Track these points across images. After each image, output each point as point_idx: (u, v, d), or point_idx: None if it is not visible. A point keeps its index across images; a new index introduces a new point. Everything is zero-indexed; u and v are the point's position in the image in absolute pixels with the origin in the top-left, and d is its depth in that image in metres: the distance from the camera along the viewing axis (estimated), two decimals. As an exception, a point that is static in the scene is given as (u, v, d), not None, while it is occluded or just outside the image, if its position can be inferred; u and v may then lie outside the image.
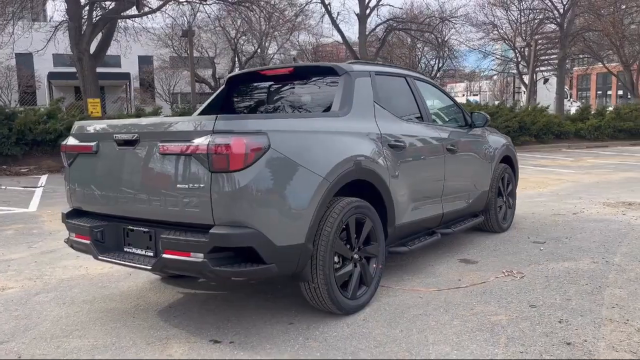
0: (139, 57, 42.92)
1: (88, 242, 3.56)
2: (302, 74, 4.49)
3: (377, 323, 3.51)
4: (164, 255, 3.14)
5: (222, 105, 4.79)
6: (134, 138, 3.29)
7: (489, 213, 5.77)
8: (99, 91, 15.37)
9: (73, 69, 34.83)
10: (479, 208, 5.60)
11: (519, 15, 31.60)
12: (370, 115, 4.06)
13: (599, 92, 70.78)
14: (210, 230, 2.99)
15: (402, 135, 4.27)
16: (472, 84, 60.93)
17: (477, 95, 62.79)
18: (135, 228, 3.44)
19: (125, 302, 4.06)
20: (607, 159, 15.15)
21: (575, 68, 49.77)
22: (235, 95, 4.84)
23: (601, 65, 35.55)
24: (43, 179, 12.23)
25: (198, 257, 3.03)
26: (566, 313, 3.59)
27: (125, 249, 3.52)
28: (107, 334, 3.47)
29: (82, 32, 14.46)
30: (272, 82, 4.63)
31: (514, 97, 47.94)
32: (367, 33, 22.70)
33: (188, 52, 32.84)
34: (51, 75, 34.96)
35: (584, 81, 66.36)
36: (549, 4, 26.17)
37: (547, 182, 10.30)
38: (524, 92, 37.28)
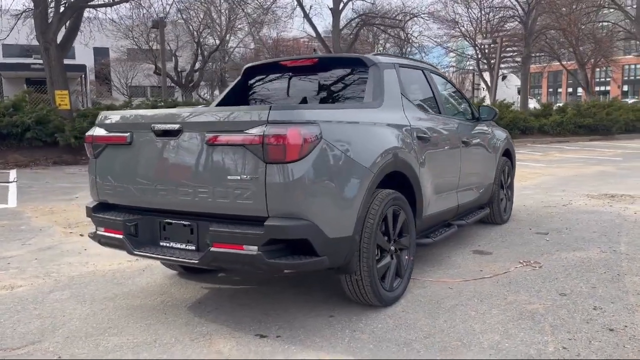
0: (95, 48, 41.53)
1: (121, 236, 3.43)
2: (326, 65, 4.45)
3: (417, 314, 3.53)
4: (213, 249, 3.05)
5: (240, 97, 4.70)
6: (176, 128, 3.18)
7: (492, 205, 5.88)
8: (67, 82, 14.81)
9: (24, 60, 33.43)
10: (485, 200, 5.70)
11: (480, 13, 32.31)
12: (399, 106, 4.06)
13: (550, 90, 73.19)
14: (266, 222, 2.93)
15: (427, 127, 4.29)
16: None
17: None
18: (173, 221, 3.34)
19: (149, 299, 3.94)
20: (572, 154, 15.67)
21: (532, 66, 51.29)
22: (252, 87, 4.75)
23: (553, 64, 36.83)
24: (12, 173, 11.71)
25: (252, 249, 2.96)
26: (597, 300, 3.69)
27: (161, 244, 3.40)
28: (144, 331, 3.35)
29: (49, 20, 13.88)
30: (293, 73, 4.57)
31: (473, 93, 49.01)
32: (340, 28, 22.72)
33: (149, 44, 32.27)
34: (0, 67, 33.46)
35: (537, 79, 68.51)
36: (510, 3, 26.90)
37: (526, 176, 10.57)
38: (483, 88, 38.18)
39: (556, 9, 24.02)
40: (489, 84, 32.20)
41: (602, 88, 61.97)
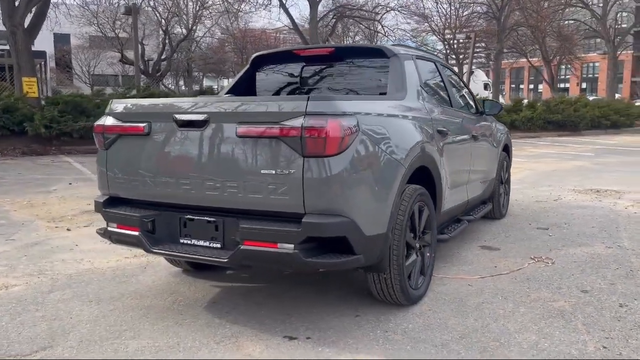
0: (55, 34, 40.06)
1: (137, 233, 3.21)
2: (343, 55, 4.29)
3: (444, 313, 3.43)
4: (244, 247, 2.88)
5: (248, 88, 4.50)
6: (202, 119, 2.98)
7: (493, 200, 5.85)
8: (34, 69, 14.18)
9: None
10: (488, 195, 5.67)
11: (450, 8, 32.61)
12: (420, 99, 3.95)
13: (513, 86, 74.67)
14: (304, 219, 2.77)
15: (444, 120, 4.20)
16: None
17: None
18: (195, 217, 3.14)
19: (159, 299, 3.73)
20: (545, 149, 15.95)
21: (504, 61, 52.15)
22: (261, 77, 4.56)
23: (518, 61, 37.48)
24: (-22, 164, 11.15)
25: (287, 247, 2.81)
26: (620, 297, 3.68)
27: (181, 241, 3.20)
28: (162, 333, 3.16)
29: (16, 4, 13.23)
30: (306, 63, 4.40)
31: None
32: (318, 19, 22.47)
33: (115, 31, 31.32)
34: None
35: (501, 75, 69.76)
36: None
37: (508, 170, 10.65)
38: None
39: (527, 6, 24.39)
40: (459, 79, 32.61)
41: (562, 85, 63.58)
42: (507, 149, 6.30)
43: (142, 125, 3.19)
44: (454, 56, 34.43)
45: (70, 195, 7.69)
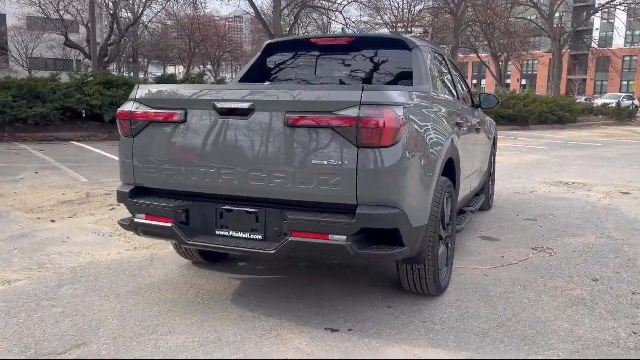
0: (-11, 15, 37.91)
1: (170, 225, 3.08)
2: (362, 45, 4.25)
3: (473, 302, 3.49)
4: (293, 238, 2.82)
5: (261, 76, 4.40)
6: (247, 107, 2.89)
7: (485, 191, 5.99)
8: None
9: None
10: (481, 187, 5.79)
11: (402, 3, 33.00)
12: (440, 91, 3.98)
13: (475, 81, 76.49)
14: (358, 211, 2.74)
15: (459, 112, 4.25)
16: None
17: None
18: (235, 208, 3.05)
19: (180, 292, 3.61)
20: (502, 142, 16.23)
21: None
22: (275, 65, 4.47)
23: (464, 56, 38.56)
24: None
25: (339, 239, 2.77)
26: (631, 285, 3.85)
27: (218, 232, 3.10)
28: (199, 328, 3.06)
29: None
30: (321, 52, 4.33)
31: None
32: (281, 8, 22.16)
33: (59, 12, 29.87)
34: None
35: (462, 70, 71.48)
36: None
37: (476, 163, 10.93)
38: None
39: (478, 3, 25.03)
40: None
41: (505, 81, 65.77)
42: (495, 142, 6.46)
43: (177, 112, 3.05)
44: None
45: (40, 184, 7.30)
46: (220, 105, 2.95)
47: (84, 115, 13.31)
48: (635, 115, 28.75)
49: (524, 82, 69.06)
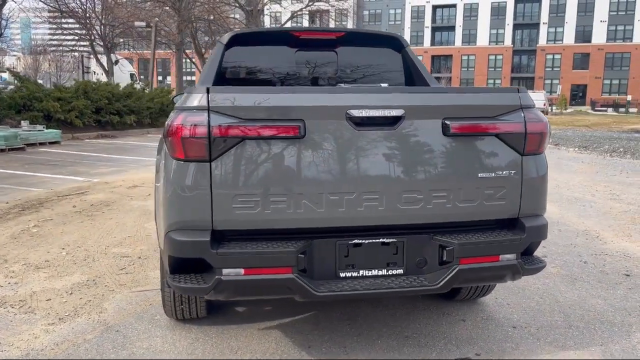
0: None
1: (290, 275, 2.28)
2: (351, 41, 3.74)
3: (530, 301, 3.54)
4: (463, 266, 2.40)
5: (219, 73, 3.52)
6: (398, 114, 2.32)
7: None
8: None
9: None
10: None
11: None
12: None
13: (160, 78, 75.11)
14: (528, 225, 2.49)
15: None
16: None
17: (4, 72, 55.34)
18: (365, 241, 2.43)
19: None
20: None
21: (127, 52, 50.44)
22: (236, 61, 3.66)
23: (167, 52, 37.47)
24: None
25: (509, 258, 2.48)
26: (623, 268, 4.23)
27: (342, 275, 2.42)
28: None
29: None
30: (299, 48, 3.70)
31: (83, 77, 45.14)
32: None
33: None
34: None
35: (145, 64, 69.15)
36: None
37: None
38: (95, 72, 36.02)
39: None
40: (107, 68, 30.75)
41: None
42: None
43: (294, 125, 2.25)
44: (100, 43, 31.46)
45: None
46: (356, 113, 2.29)
47: None
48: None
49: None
